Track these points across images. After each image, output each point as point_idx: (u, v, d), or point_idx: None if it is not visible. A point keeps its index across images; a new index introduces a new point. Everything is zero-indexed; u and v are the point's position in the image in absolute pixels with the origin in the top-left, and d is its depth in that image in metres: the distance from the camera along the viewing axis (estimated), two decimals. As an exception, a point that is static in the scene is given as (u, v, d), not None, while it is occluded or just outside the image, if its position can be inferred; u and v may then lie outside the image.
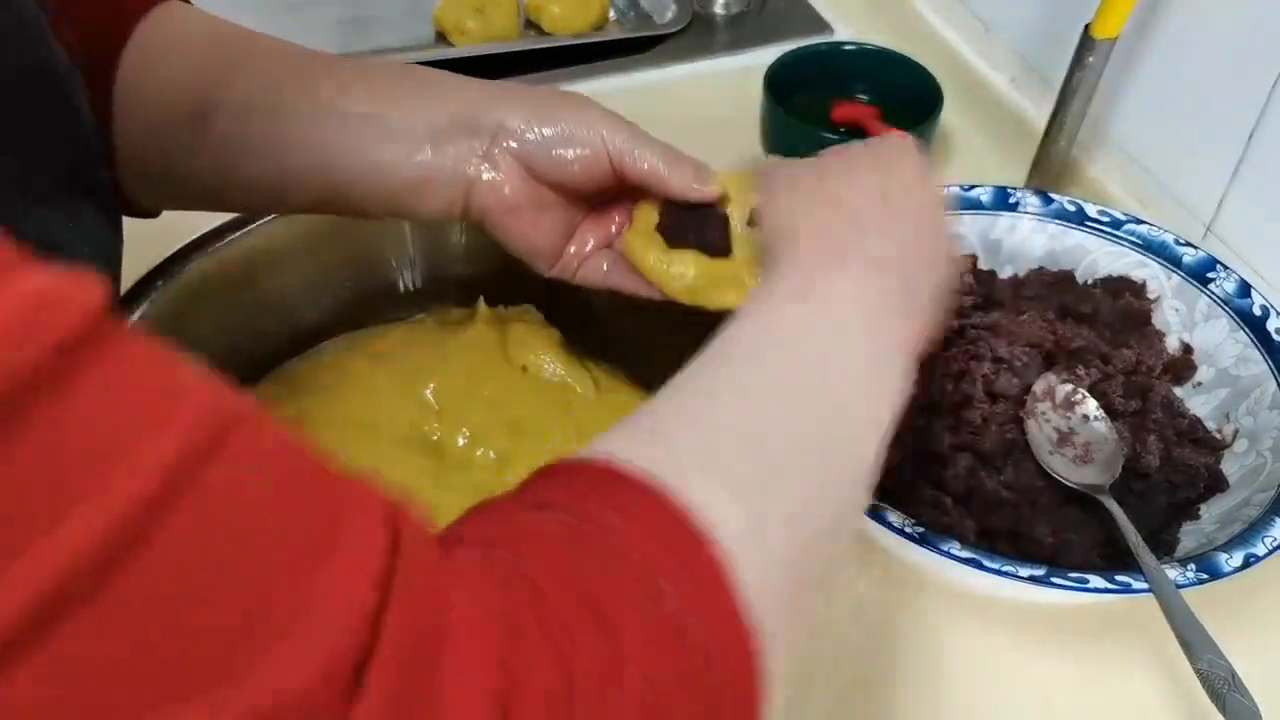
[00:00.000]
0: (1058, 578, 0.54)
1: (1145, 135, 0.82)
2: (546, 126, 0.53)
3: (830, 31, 1.04)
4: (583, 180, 0.54)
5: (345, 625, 0.25)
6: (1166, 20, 0.77)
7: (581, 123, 0.53)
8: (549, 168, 0.53)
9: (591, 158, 0.53)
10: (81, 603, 0.21)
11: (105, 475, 0.22)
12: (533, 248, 0.56)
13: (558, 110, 0.53)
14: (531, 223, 0.55)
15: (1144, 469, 0.63)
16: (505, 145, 0.53)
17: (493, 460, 0.64)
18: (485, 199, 0.54)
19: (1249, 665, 0.52)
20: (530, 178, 0.54)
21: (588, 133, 0.53)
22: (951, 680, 0.59)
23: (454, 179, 0.53)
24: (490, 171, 0.53)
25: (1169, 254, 0.71)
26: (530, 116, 0.53)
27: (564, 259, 0.57)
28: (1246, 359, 0.67)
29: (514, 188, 0.54)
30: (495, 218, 0.55)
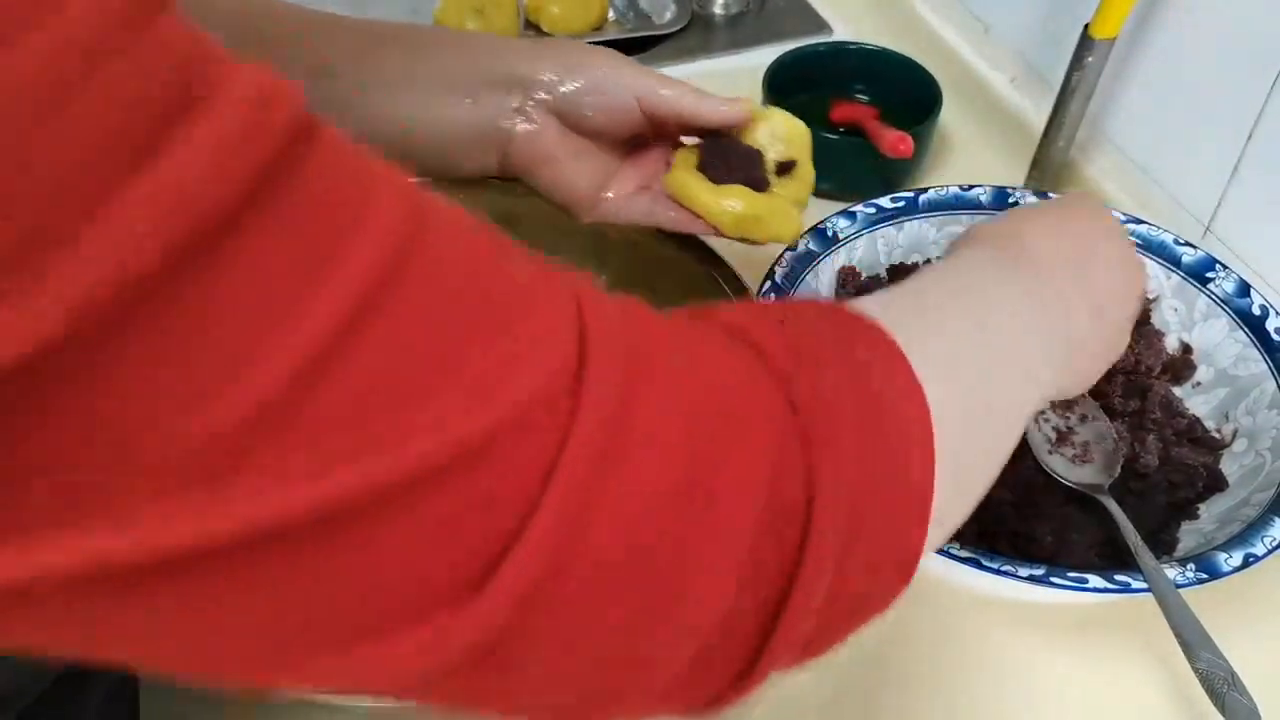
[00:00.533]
0: (1057, 577, 0.54)
1: (1144, 135, 0.82)
2: (576, 78, 0.55)
3: (829, 31, 1.04)
4: (614, 126, 0.56)
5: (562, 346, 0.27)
6: (1165, 20, 0.77)
7: (608, 71, 0.55)
8: (582, 116, 0.56)
9: (622, 103, 0.55)
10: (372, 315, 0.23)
11: (347, 244, 0.23)
12: (571, 196, 0.58)
13: (584, 61, 0.56)
14: (569, 172, 0.57)
15: (1143, 468, 0.63)
16: (538, 98, 0.55)
17: (492, 460, 0.64)
18: (523, 152, 0.56)
19: (1248, 664, 0.52)
20: (564, 128, 0.56)
21: (615, 80, 0.55)
22: (951, 680, 0.59)
23: (491, 135, 0.55)
24: (526, 124, 0.56)
25: (1168, 253, 0.71)
26: (559, 69, 0.55)
27: (603, 204, 0.59)
28: (1246, 358, 0.67)
29: (550, 139, 0.56)
30: (534, 169, 0.57)
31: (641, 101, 0.56)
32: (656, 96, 0.56)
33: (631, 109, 0.56)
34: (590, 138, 0.57)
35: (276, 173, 0.22)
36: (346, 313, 0.23)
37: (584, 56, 0.56)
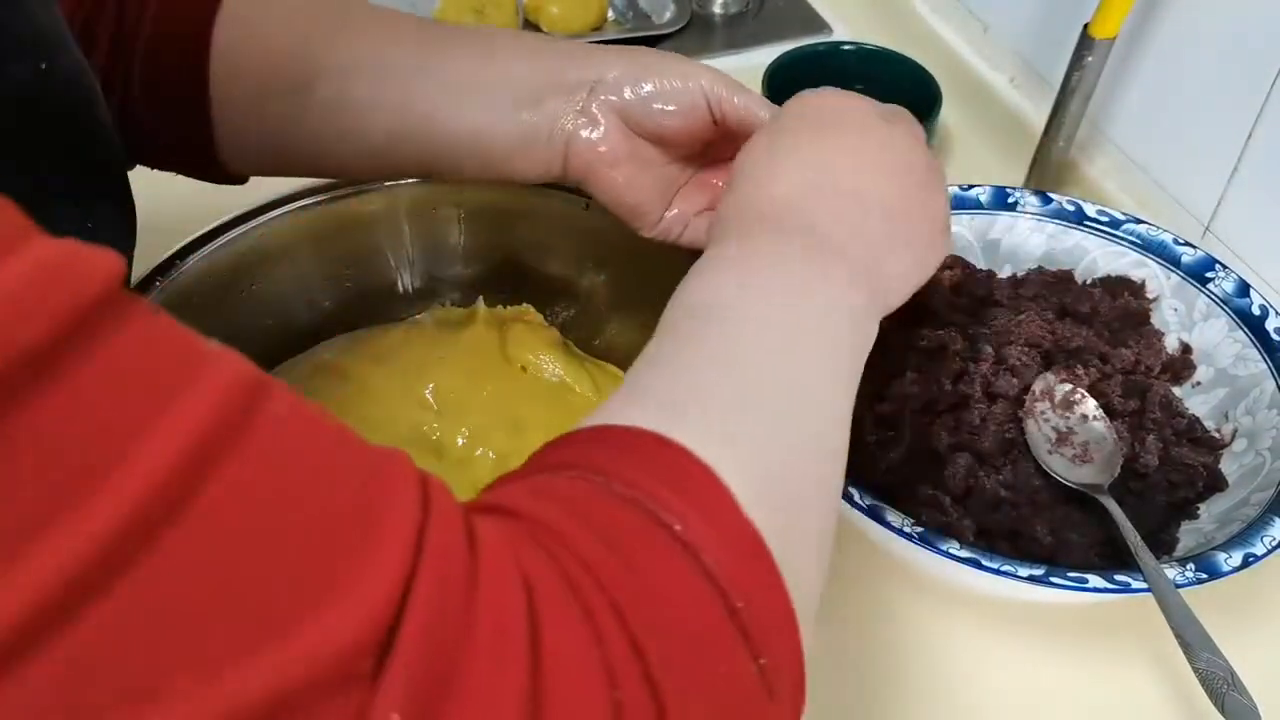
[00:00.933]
0: (1056, 577, 0.54)
1: (1144, 135, 0.82)
2: (643, 78, 0.53)
3: (829, 31, 1.04)
4: (681, 131, 0.54)
5: (384, 590, 0.25)
6: (1165, 20, 0.77)
7: (679, 73, 0.53)
8: (647, 119, 0.53)
9: (690, 107, 0.53)
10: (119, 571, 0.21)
11: (137, 443, 0.22)
12: (633, 206, 0.56)
13: (654, 62, 0.54)
14: (631, 179, 0.55)
15: (1143, 468, 0.63)
16: (603, 99, 0.53)
17: (492, 460, 0.64)
18: (584, 156, 0.54)
19: (1248, 664, 0.52)
20: (629, 132, 0.54)
21: (686, 82, 0.53)
22: (950, 679, 0.59)
23: (552, 138, 0.53)
24: (588, 127, 0.53)
25: (1168, 253, 0.71)
26: (626, 69, 0.53)
27: (666, 221, 0.57)
28: (1245, 358, 0.67)
29: (613, 143, 0.54)
30: (595, 175, 0.55)
31: (713, 107, 0.53)
32: (728, 103, 0.53)
33: (701, 114, 0.53)
34: (657, 145, 0.55)
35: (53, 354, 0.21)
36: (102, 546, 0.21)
37: (654, 58, 0.54)
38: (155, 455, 0.22)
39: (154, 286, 0.61)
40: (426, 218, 0.71)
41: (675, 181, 0.57)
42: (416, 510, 0.27)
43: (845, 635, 0.60)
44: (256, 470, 0.23)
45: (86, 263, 0.22)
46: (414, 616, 0.25)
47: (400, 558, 0.25)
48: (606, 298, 0.71)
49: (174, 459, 0.22)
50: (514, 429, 0.65)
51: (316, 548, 0.24)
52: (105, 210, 0.42)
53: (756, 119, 0.53)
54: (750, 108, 0.53)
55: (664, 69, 0.53)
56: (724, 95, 0.53)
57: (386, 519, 0.26)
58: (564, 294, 0.72)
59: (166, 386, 0.22)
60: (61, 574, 0.20)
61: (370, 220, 0.70)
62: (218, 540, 0.22)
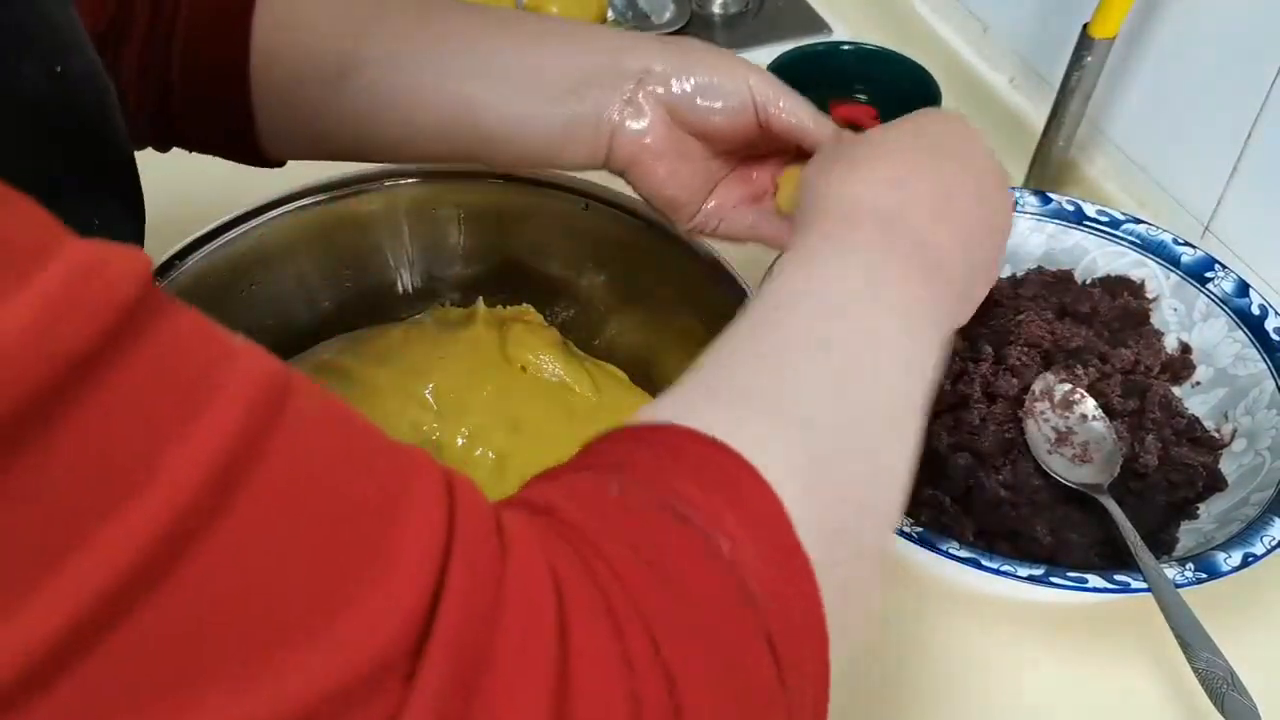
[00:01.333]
0: (1056, 577, 0.54)
1: (1143, 135, 0.82)
2: (692, 72, 0.52)
3: (828, 31, 1.04)
4: (727, 128, 0.53)
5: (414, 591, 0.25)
6: (1164, 20, 0.77)
7: (728, 70, 0.53)
8: (694, 114, 0.53)
9: (737, 105, 0.53)
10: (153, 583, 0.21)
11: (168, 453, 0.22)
12: (672, 198, 0.55)
13: (703, 57, 0.53)
14: (673, 172, 0.54)
15: (1142, 468, 0.63)
16: (650, 90, 0.53)
17: (492, 460, 0.64)
18: (628, 147, 0.53)
19: (1247, 664, 0.52)
20: (674, 125, 0.53)
21: (734, 80, 0.52)
22: (949, 679, 0.59)
23: (597, 127, 0.53)
24: (634, 118, 0.53)
25: (1167, 253, 0.71)
26: (676, 62, 0.53)
27: (703, 214, 0.56)
28: (1245, 358, 0.67)
29: (657, 135, 0.53)
30: (638, 166, 0.54)
31: (758, 109, 0.53)
32: (775, 105, 0.53)
33: (747, 113, 0.53)
34: (700, 139, 0.54)
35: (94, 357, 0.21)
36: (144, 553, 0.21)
37: (704, 53, 0.53)
38: (187, 465, 0.22)
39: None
40: (426, 218, 0.71)
41: (715, 175, 0.56)
42: (443, 508, 0.27)
43: (845, 635, 0.60)
44: (285, 475, 0.23)
45: (119, 264, 0.22)
46: (446, 616, 0.25)
47: (430, 556, 0.25)
48: (606, 298, 0.71)
49: (205, 468, 0.22)
50: (514, 429, 0.65)
51: (346, 550, 0.24)
52: (114, 209, 0.42)
53: (802, 128, 0.53)
54: (797, 115, 0.53)
55: (713, 64, 0.53)
56: (770, 98, 0.52)
57: (413, 518, 0.26)
58: (564, 294, 0.72)
59: (196, 391, 0.22)
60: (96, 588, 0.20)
61: (370, 220, 0.70)
62: (249, 548, 0.22)
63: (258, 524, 0.23)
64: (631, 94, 0.53)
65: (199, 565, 0.22)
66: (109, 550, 0.20)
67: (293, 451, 0.24)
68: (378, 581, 0.24)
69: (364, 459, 0.26)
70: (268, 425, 0.23)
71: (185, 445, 0.22)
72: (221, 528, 0.22)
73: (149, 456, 0.21)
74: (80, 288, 0.21)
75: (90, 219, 0.39)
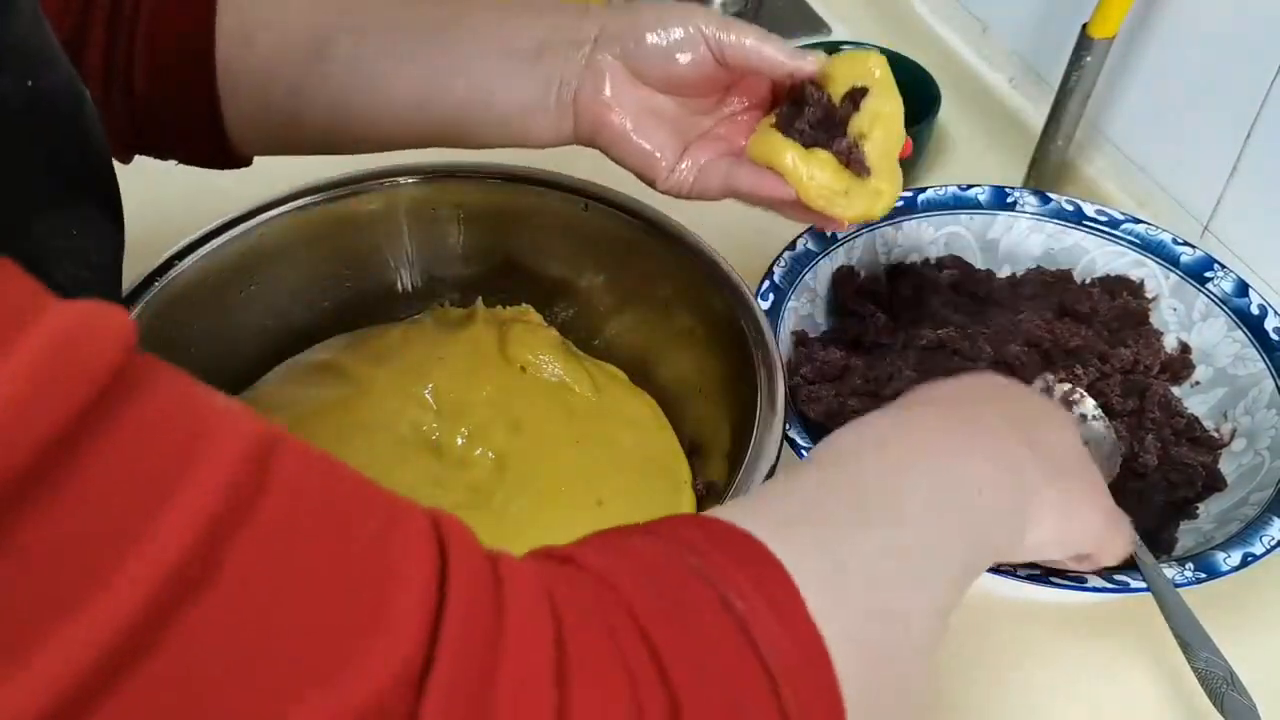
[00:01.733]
0: (1056, 576, 0.54)
1: (1143, 134, 0.82)
2: (645, 25, 0.53)
3: (828, 31, 1.04)
4: (688, 75, 0.54)
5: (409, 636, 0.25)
6: (1163, 20, 0.77)
7: (676, 18, 0.53)
8: (651, 67, 0.54)
9: (691, 50, 0.53)
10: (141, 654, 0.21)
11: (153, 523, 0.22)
12: (645, 157, 0.55)
13: (653, 10, 0.54)
14: (643, 130, 0.55)
15: (1142, 468, 0.63)
16: (605, 51, 0.54)
17: (491, 460, 0.64)
18: (592, 108, 0.54)
19: (1247, 664, 0.52)
20: (637, 83, 0.54)
21: (683, 25, 0.53)
22: (948, 679, 0.59)
23: (560, 95, 0.54)
24: (594, 80, 0.54)
25: (1166, 253, 0.71)
26: (627, 19, 0.54)
27: (679, 173, 0.56)
28: (1244, 358, 0.67)
29: (621, 94, 0.54)
30: (605, 129, 0.55)
31: (712, 48, 0.53)
32: (726, 38, 0.53)
33: (704, 57, 0.53)
34: (667, 92, 0.55)
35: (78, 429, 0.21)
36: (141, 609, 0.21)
37: (652, 9, 0.54)
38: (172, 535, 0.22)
39: (153, 286, 0.61)
40: (426, 218, 0.71)
41: (688, 133, 0.56)
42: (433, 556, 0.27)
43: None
44: (273, 538, 0.24)
45: (101, 329, 0.22)
46: (442, 664, 0.25)
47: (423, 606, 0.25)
48: (606, 298, 0.71)
49: (191, 537, 0.22)
50: (514, 429, 0.65)
51: (339, 607, 0.24)
52: (90, 214, 0.42)
53: (759, 52, 0.53)
54: (748, 42, 0.53)
55: (661, 16, 0.54)
56: (721, 35, 0.53)
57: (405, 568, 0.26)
58: (564, 294, 0.72)
59: (180, 460, 0.22)
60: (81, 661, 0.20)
61: (370, 220, 0.70)
62: (239, 614, 0.23)
63: (247, 587, 0.23)
64: (588, 56, 0.54)
65: (187, 633, 0.22)
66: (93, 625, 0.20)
67: (277, 517, 0.24)
68: (373, 635, 0.24)
69: (352, 513, 0.26)
70: (254, 488, 0.23)
71: (170, 515, 0.22)
72: (211, 593, 0.22)
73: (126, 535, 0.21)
74: (61, 359, 0.21)
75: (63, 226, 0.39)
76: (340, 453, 0.68)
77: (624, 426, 0.67)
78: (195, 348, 0.65)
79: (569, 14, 0.55)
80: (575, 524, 0.61)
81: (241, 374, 0.68)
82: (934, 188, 0.74)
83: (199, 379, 0.25)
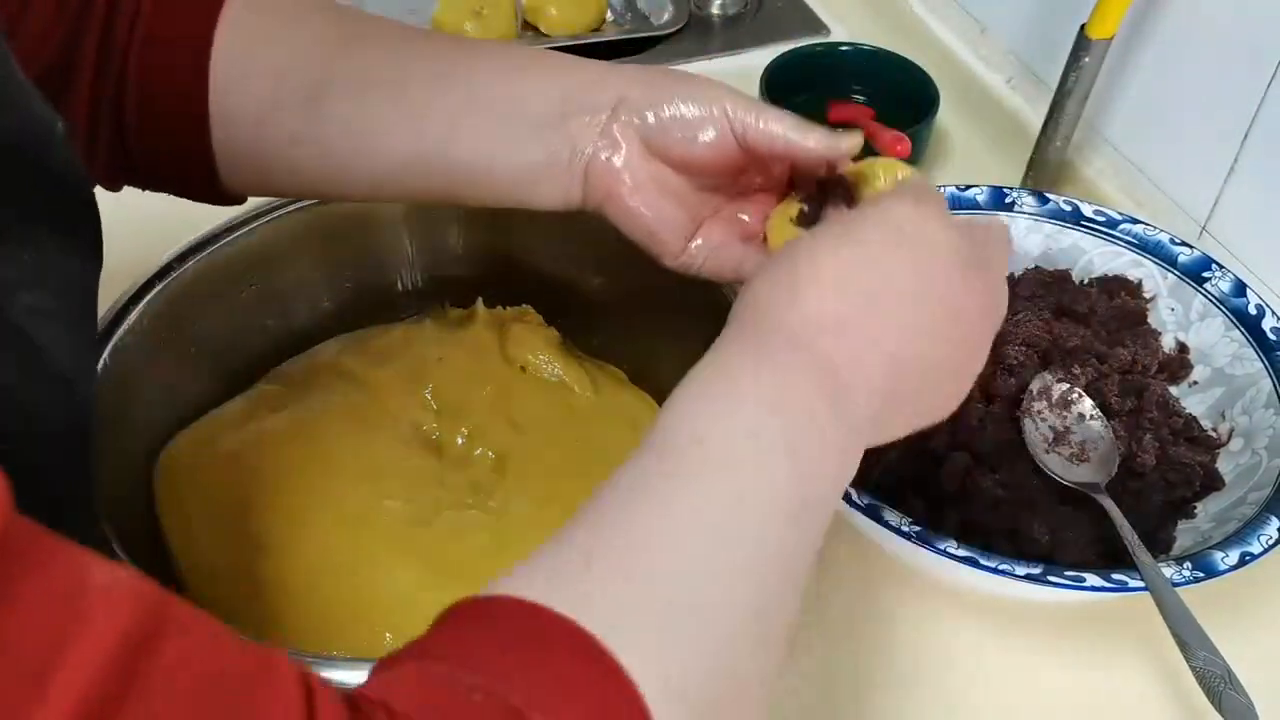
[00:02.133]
0: (1054, 576, 0.54)
1: (1141, 135, 0.82)
2: (667, 100, 0.50)
3: (827, 32, 1.04)
4: (706, 157, 0.51)
5: None
6: (1161, 20, 0.78)
7: (703, 95, 0.50)
8: (670, 144, 0.51)
9: (713, 132, 0.50)
10: None
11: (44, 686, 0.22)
12: (653, 233, 0.53)
13: (677, 84, 0.51)
14: (652, 206, 0.52)
15: (1140, 467, 0.63)
16: (624, 120, 0.51)
17: (491, 459, 0.64)
18: (604, 179, 0.51)
19: (1244, 663, 0.53)
20: (651, 158, 0.52)
21: (710, 106, 0.50)
22: (948, 678, 0.59)
23: (572, 162, 0.51)
24: (608, 150, 0.51)
25: (1164, 253, 0.71)
26: (649, 90, 0.51)
27: (689, 253, 0.54)
28: (1242, 358, 0.67)
29: (634, 167, 0.51)
30: (614, 201, 0.52)
31: (736, 133, 0.50)
32: (751, 124, 0.50)
33: (725, 140, 0.50)
34: (681, 171, 0.52)
35: None
36: None
37: (676, 81, 0.51)
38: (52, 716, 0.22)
39: (154, 288, 0.62)
40: (426, 218, 0.71)
41: (700, 212, 0.54)
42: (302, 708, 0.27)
43: (842, 633, 0.60)
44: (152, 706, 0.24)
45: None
46: None
47: None
48: (606, 298, 0.71)
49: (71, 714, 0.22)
50: (514, 429, 0.65)
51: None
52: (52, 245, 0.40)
53: (786, 140, 0.50)
54: (775, 131, 0.50)
55: (686, 92, 0.51)
56: (747, 120, 0.50)
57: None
58: (564, 294, 0.72)
59: (55, 645, 0.22)
60: None
61: (370, 220, 0.70)
62: None
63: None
64: (605, 125, 0.51)
65: None
66: None
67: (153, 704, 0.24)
68: None
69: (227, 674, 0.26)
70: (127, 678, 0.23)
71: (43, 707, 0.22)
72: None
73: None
74: None
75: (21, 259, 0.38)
76: (340, 453, 0.68)
77: (624, 426, 0.67)
78: (195, 348, 0.65)
79: (585, 76, 0.52)
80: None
81: (241, 374, 0.68)
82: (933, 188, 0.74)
83: (199, 379, 0.25)
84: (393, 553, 0.58)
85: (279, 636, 0.55)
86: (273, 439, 0.63)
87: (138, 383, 0.60)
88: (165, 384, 0.63)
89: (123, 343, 0.59)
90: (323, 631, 0.56)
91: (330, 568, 0.58)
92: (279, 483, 0.60)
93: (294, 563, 0.58)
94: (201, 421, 0.64)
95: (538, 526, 0.61)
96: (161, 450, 0.62)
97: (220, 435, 0.63)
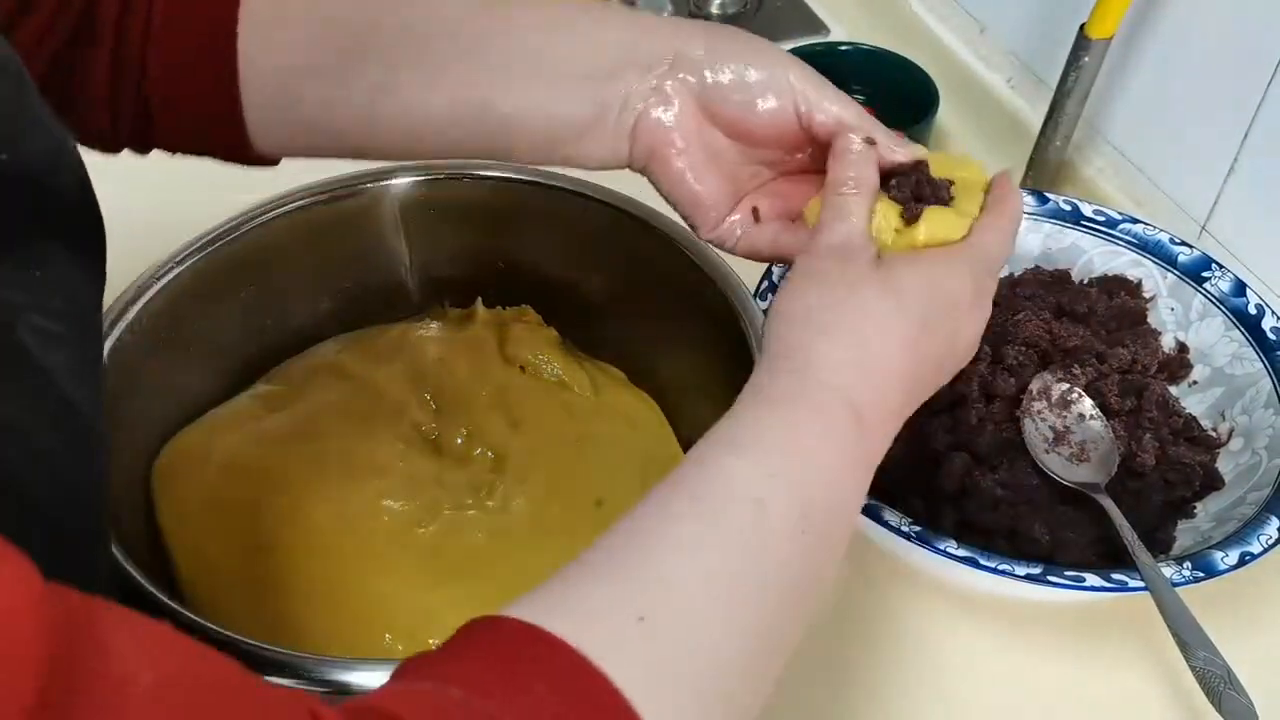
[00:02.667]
0: (1054, 576, 0.54)
1: (1140, 135, 0.82)
2: (730, 60, 0.47)
3: (826, 32, 1.04)
4: (763, 127, 0.48)
5: None
6: (1161, 20, 0.78)
7: (769, 61, 0.48)
8: (727, 108, 0.48)
9: (776, 103, 0.47)
10: None
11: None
12: (695, 200, 0.50)
13: (744, 45, 0.48)
14: (699, 171, 0.49)
15: (1139, 467, 0.64)
16: (681, 77, 0.48)
17: (491, 459, 0.64)
18: (652, 137, 0.48)
19: (1244, 662, 0.53)
20: (704, 118, 0.49)
21: (775, 74, 0.47)
22: (948, 678, 0.59)
23: (621, 117, 0.48)
24: (660, 106, 0.48)
25: (1164, 253, 0.71)
26: (712, 48, 0.48)
27: (726, 225, 0.51)
28: (1241, 357, 0.67)
29: (685, 127, 0.48)
30: (659, 161, 0.49)
31: (799, 109, 0.47)
32: (818, 107, 0.47)
33: (785, 114, 0.47)
34: (732, 137, 0.49)
35: None
36: None
37: (742, 41, 0.48)
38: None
39: (153, 287, 0.61)
40: (426, 218, 0.71)
41: (744, 186, 0.51)
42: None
43: (842, 633, 0.60)
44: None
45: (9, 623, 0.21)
46: None
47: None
48: (606, 298, 0.71)
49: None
50: (513, 429, 0.65)
51: None
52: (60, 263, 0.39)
53: (849, 132, 0.47)
54: (843, 119, 0.47)
55: (752, 55, 0.48)
56: (813, 98, 0.47)
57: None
58: (564, 294, 0.72)
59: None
60: None
61: (370, 220, 0.70)
62: None
63: None
64: (659, 80, 0.48)
65: None
66: None
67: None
68: None
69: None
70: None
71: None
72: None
73: None
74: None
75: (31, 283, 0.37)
76: (340, 452, 0.68)
77: (624, 426, 0.67)
78: (194, 348, 0.65)
79: (638, 29, 0.49)
80: (574, 524, 0.61)
81: (241, 374, 0.68)
82: (932, 188, 0.74)
83: (198, 379, 0.25)
84: (392, 552, 0.58)
85: (278, 636, 0.55)
86: (272, 439, 0.63)
87: (137, 383, 0.60)
88: (164, 384, 0.63)
89: (122, 342, 0.59)
90: (322, 631, 0.56)
91: (329, 567, 0.58)
92: (278, 483, 0.60)
93: (293, 562, 0.58)
94: (201, 421, 0.64)
95: (537, 527, 0.61)
96: (161, 450, 0.62)
97: (220, 435, 0.63)
